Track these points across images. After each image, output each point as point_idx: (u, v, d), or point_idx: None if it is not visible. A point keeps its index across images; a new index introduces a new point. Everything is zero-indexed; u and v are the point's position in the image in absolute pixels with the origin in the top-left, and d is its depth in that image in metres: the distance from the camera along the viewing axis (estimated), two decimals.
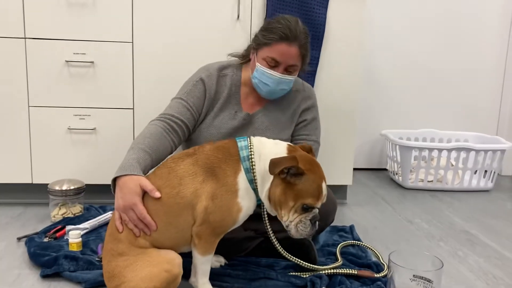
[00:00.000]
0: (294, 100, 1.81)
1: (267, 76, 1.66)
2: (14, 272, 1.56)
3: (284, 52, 1.62)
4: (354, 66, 2.32)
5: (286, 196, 1.29)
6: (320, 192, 1.31)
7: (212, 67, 1.77)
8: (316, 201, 1.30)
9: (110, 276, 1.27)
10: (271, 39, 1.62)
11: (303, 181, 1.28)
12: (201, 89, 1.72)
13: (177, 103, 1.69)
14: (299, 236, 1.33)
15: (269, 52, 1.63)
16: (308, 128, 1.83)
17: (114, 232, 1.31)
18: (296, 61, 1.66)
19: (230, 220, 1.31)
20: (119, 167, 1.39)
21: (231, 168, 1.32)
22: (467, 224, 2.25)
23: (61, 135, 2.21)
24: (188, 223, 1.30)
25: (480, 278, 1.66)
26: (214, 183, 1.30)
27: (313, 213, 1.32)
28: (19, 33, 2.11)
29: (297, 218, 1.30)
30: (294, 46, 1.63)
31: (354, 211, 2.40)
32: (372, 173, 3.35)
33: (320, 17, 2.22)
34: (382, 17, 3.24)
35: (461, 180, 2.89)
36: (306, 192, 1.28)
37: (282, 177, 1.28)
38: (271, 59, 1.63)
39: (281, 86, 1.69)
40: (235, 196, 1.30)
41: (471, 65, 3.37)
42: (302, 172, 1.28)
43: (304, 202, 1.29)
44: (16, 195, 2.31)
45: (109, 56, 2.17)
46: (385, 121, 3.39)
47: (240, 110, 1.76)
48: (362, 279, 1.54)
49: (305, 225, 1.30)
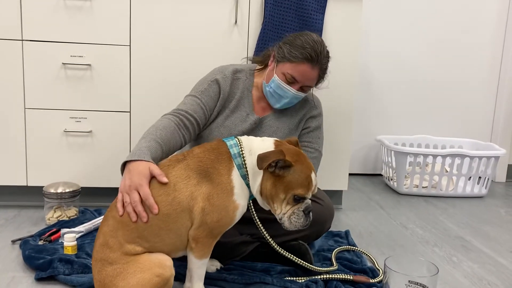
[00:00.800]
0: (303, 108, 1.84)
1: (282, 89, 1.69)
2: (8, 275, 1.55)
3: (306, 74, 1.66)
4: (350, 71, 2.34)
5: (276, 189, 1.31)
6: (309, 182, 1.33)
7: (227, 70, 1.78)
8: (306, 191, 1.32)
9: (101, 285, 1.25)
10: (296, 58, 1.65)
11: (292, 172, 1.30)
12: (216, 90, 1.73)
13: (191, 100, 1.69)
14: (293, 228, 1.34)
15: (291, 69, 1.66)
16: (310, 136, 1.85)
17: (105, 241, 1.29)
18: (314, 82, 1.72)
19: (227, 219, 1.31)
20: (130, 153, 1.40)
21: (224, 166, 1.33)
22: (461, 230, 2.27)
23: (57, 137, 2.20)
24: (186, 228, 1.30)
25: (474, 284, 1.67)
26: (209, 184, 1.30)
27: (306, 204, 1.34)
28: (16, 35, 2.11)
29: (290, 210, 1.32)
30: (316, 69, 1.67)
31: (349, 216, 2.41)
32: (367, 178, 3.36)
33: (318, 23, 2.24)
34: (378, 24, 3.26)
35: (456, 186, 2.90)
36: (295, 183, 1.30)
37: (270, 171, 1.30)
38: (291, 76, 1.66)
39: (293, 101, 1.74)
40: (231, 194, 1.31)
41: (466, 72, 3.40)
42: (289, 164, 1.30)
43: (294, 193, 1.30)
44: (11, 198, 2.30)
45: (106, 59, 2.17)
46: (381, 126, 3.41)
47: (252, 113, 1.77)
48: (357, 285, 1.55)
49: (298, 216, 1.33)
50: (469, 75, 3.41)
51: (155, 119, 1.96)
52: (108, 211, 1.35)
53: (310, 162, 1.37)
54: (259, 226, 1.52)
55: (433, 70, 3.37)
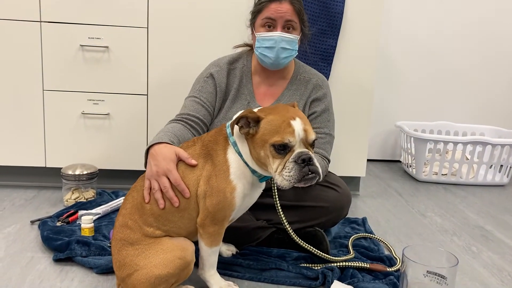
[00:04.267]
0: (306, 89, 1.78)
1: (267, 39, 1.66)
2: (27, 255, 1.58)
3: (277, 10, 1.63)
4: (370, 56, 2.29)
5: (255, 148, 1.23)
6: (286, 127, 1.19)
7: (222, 61, 1.77)
8: (283, 136, 1.18)
9: (121, 265, 1.26)
10: (261, 4, 1.66)
11: (262, 125, 1.21)
12: (212, 84, 1.72)
13: (191, 102, 1.69)
14: (288, 184, 1.19)
15: (263, 15, 1.65)
16: (318, 121, 1.77)
17: (125, 222, 1.30)
18: (292, 16, 1.66)
19: (226, 201, 1.25)
20: (152, 140, 1.40)
21: (220, 146, 1.30)
22: (481, 219, 2.22)
23: (75, 119, 2.21)
24: (197, 213, 1.30)
25: (494, 275, 1.63)
26: (209, 166, 1.28)
27: (296, 153, 1.19)
28: (34, 17, 2.10)
29: (280, 165, 1.20)
30: (284, 3, 1.64)
31: (367, 203, 2.38)
32: (385, 164, 3.32)
33: (338, 6, 2.18)
34: (399, 8, 3.18)
35: (476, 174, 2.84)
36: (268, 133, 1.20)
37: (243, 132, 1.24)
38: (266, 20, 1.65)
39: (283, 44, 1.65)
40: (227, 174, 1.26)
41: (488, 58, 3.31)
42: (256, 119, 1.22)
43: (270, 142, 1.19)
44: (30, 178, 2.33)
45: (123, 41, 2.16)
46: (400, 112, 3.35)
47: (253, 100, 1.74)
48: (374, 273, 1.53)
49: (289, 168, 1.18)
50: (492, 61, 3.31)
51: (172, 102, 1.96)
52: (128, 193, 1.35)
53: (291, 112, 1.23)
54: (279, 211, 1.50)
55: (456, 55, 3.28)
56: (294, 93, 1.77)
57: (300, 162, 1.18)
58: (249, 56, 1.80)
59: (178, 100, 1.75)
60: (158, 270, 1.21)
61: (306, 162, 1.19)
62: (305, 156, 1.19)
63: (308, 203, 1.68)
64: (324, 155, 1.72)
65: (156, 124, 2.22)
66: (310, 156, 1.19)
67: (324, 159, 1.71)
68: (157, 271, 1.21)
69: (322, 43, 2.23)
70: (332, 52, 2.24)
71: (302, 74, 1.80)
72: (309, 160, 1.19)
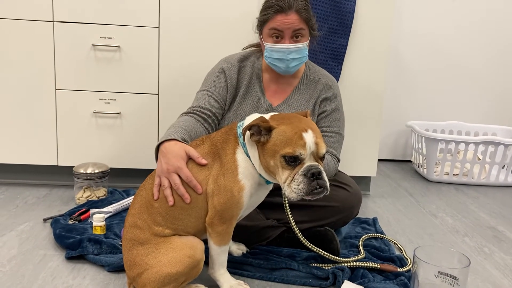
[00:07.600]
0: (315, 89, 1.78)
1: (275, 51, 1.66)
2: (40, 253, 1.59)
3: (284, 22, 1.62)
4: (381, 55, 2.27)
5: (265, 157, 1.23)
6: (297, 140, 1.19)
7: (233, 58, 1.77)
8: (294, 149, 1.18)
9: (131, 264, 1.27)
10: (268, 15, 1.64)
11: (274, 135, 1.22)
12: (224, 79, 1.72)
13: (203, 95, 1.69)
14: (297, 197, 1.20)
15: (270, 26, 1.64)
16: (328, 120, 1.77)
17: (134, 222, 1.31)
18: (300, 25, 1.64)
19: (234, 200, 1.26)
20: (162, 137, 1.41)
21: (230, 146, 1.30)
22: (493, 220, 2.20)
23: (87, 118, 2.23)
24: (206, 211, 1.30)
25: (507, 277, 1.62)
26: (218, 165, 1.29)
27: (306, 166, 1.20)
28: (47, 16, 2.12)
29: (289, 176, 1.21)
30: (291, 14, 1.62)
31: (377, 203, 2.37)
32: (396, 164, 3.30)
33: (350, 4, 2.18)
34: (411, 7, 3.16)
35: (488, 174, 2.82)
36: (279, 143, 1.20)
37: (254, 140, 1.25)
38: (273, 30, 1.64)
39: (292, 55, 1.66)
40: (235, 174, 1.27)
41: (501, 57, 3.27)
42: (269, 128, 1.23)
43: (281, 153, 1.20)
44: (42, 177, 2.35)
45: (135, 40, 2.17)
46: (411, 112, 3.33)
47: (263, 96, 1.74)
48: (384, 273, 1.52)
49: (298, 181, 1.19)
50: (504, 61, 3.28)
51: (183, 101, 1.96)
52: (137, 193, 1.36)
53: (303, 123, 1.24)
54: (287, 210, 1.50)
55: (468, 54, 3.26)
56: (304, 92, 1.77)
57: (309, 176, 1.19)
58: (259, 54, 1.81)
59: (189, 99, 1.76)
60: (167, 269, 1.22)
61: (316, 176, 1.20)
62: (314, 170, 1.20)
63: (319, 202, 1.67)
64: (334, 154, 1.72)
65: (167, 123, 2.23)
66: (320, 170, 1.20)
67: (334, 158, 1.71)
68: (166, 270, 1.22)
69: (333, 42, 2.23)
70: (343, 52, 2.23)
71: (312, 74, 1.80)
72: (319, 174, 1.20)
